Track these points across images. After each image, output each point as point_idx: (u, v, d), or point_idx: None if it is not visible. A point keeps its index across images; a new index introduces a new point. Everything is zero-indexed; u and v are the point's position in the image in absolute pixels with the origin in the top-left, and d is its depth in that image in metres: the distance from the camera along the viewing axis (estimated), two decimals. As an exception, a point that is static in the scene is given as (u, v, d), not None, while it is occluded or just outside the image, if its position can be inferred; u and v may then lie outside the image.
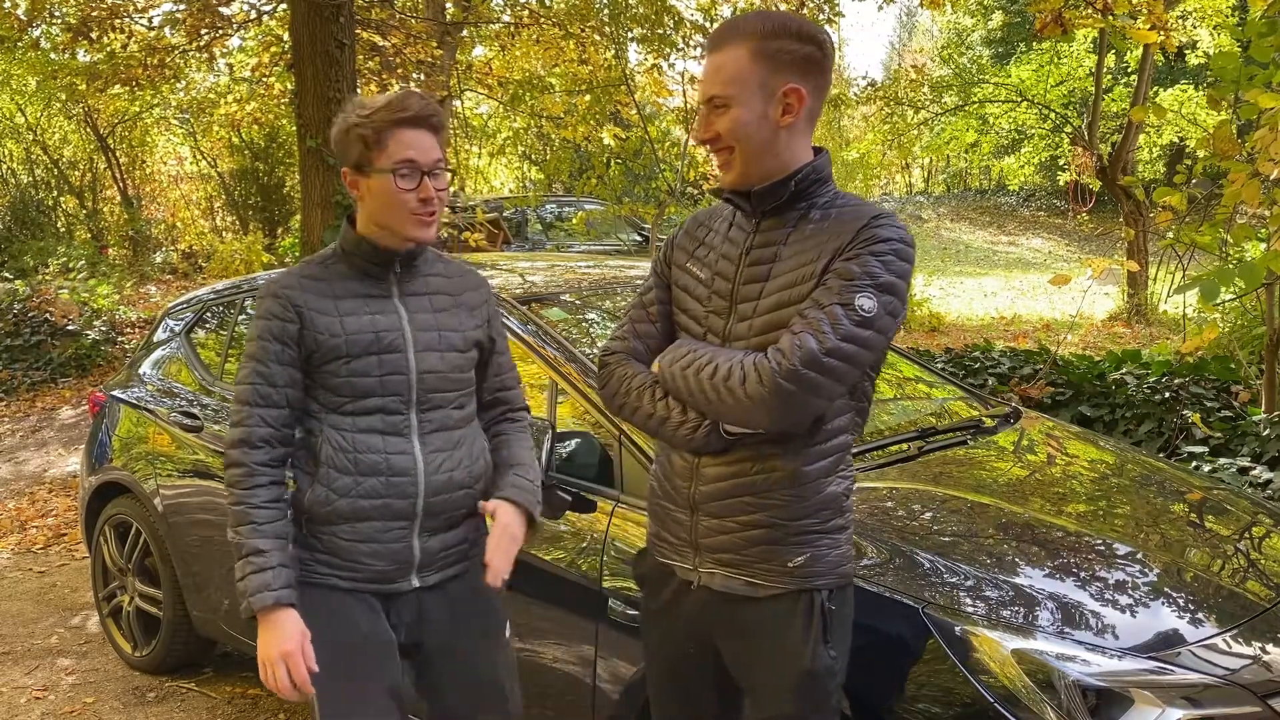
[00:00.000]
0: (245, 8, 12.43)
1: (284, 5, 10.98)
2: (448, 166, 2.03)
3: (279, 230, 18.46)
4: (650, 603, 2.00)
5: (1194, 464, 4.36)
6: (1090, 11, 6.34)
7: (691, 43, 10.11)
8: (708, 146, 1.80)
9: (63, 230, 17.38)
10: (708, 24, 10.41)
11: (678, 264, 1.93)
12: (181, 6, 11.76)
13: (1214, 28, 14.20)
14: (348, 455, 2.00)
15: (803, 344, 1.64)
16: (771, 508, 1.78)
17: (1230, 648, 2.16)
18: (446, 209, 10.35)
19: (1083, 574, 2.38)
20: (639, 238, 12.64)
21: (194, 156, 20.61)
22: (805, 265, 1.74)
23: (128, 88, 13.01)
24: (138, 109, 17.71)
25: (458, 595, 2.13)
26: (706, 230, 1.92)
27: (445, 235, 10.05)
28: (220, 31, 12.22)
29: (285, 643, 1.92)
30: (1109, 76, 16.94)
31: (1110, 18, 6.31)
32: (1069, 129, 15.41)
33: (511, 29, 13.55)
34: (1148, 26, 6.06)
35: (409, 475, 2.02)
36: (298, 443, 2.07)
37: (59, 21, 11.46)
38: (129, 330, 10.39)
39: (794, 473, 1.78)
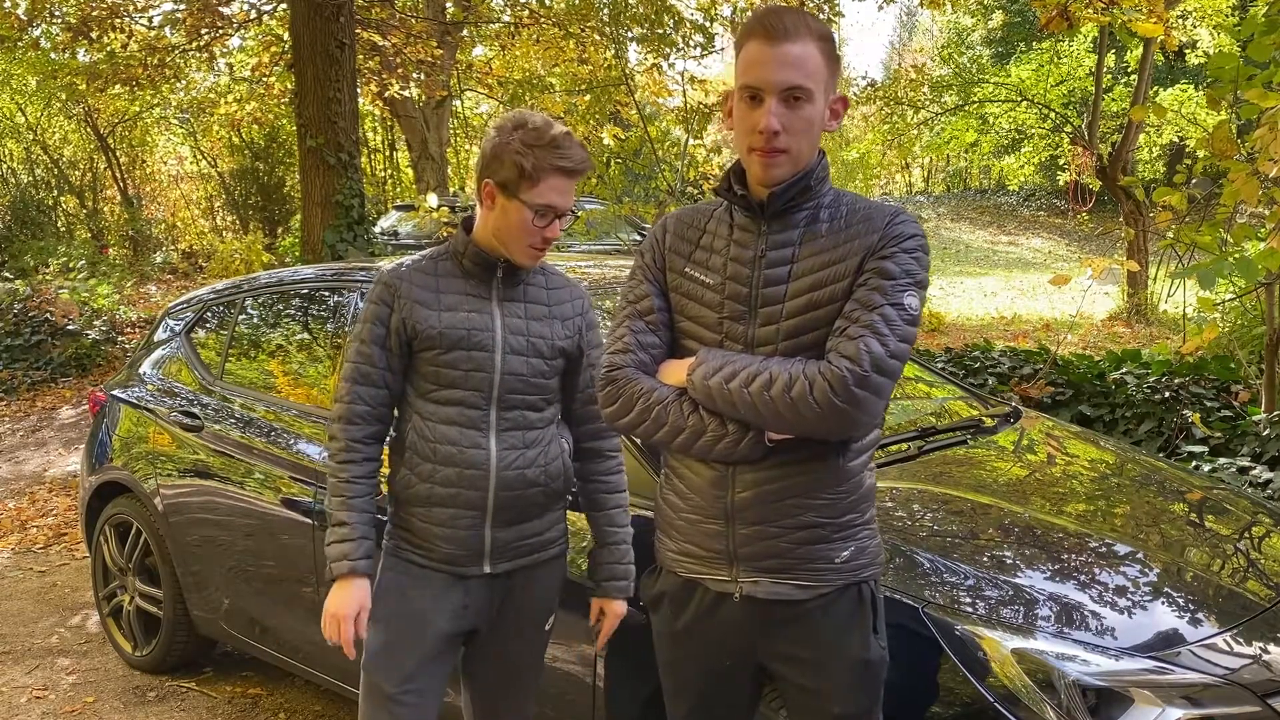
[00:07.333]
0: (245, 8, 12.45)
1: (284, 5, 10.98)
2: (575, 211, 2.17)
3: (279, 230, 18.47)
4: (674, 622, 1.91)
5: (1194, 464, 4.36)
6: (1094, 6, 6.32)
7: (691, 42, 10.11)
8: (765, 139, 1.68)
9: (63, 230, 17.39)
10: (708, 24, 10.41)
11: (675, 269, 1.85)
12: (181, 6, 11.78)
13: (1214, 28, 14.21)
14: (429, 444, 2.13)
15: (870, 349, 1.64)
16: (819, 507, 1.77)
17: (1230, 647, 2.16)
18: (446, 209, 10.37)
19: (1083, 574, 2.38)
20: (639, 237, 12.65)
21: (194, 156, 20.63)
22: (832, 265, 1.72)
23: (128, 88, 13.02)
24: (138, 109, 17.73)
25: (523, 586, 2.24)
26: (699, 232, 1.86)
27: (445, 236, 10.05)
28: (220, 31, 12.24)
29: (344, 607, 2.10)
30: (1109, 76, 16.96)
31: (1115, 10, 6.28)
32: (1069, 129, 15.40)
33: (511, 29, 13.56)
34: (1151, 21, 6.03)
35: (481, 469, 2.12)
36: (395, 426, 2.22)
37: (59, 21, 11.47)
38: (129, 330, 10.39)
39: (839, 470, 1.77)
